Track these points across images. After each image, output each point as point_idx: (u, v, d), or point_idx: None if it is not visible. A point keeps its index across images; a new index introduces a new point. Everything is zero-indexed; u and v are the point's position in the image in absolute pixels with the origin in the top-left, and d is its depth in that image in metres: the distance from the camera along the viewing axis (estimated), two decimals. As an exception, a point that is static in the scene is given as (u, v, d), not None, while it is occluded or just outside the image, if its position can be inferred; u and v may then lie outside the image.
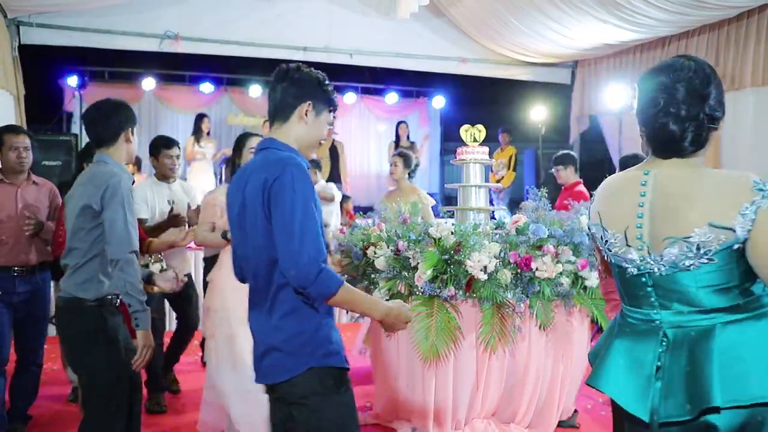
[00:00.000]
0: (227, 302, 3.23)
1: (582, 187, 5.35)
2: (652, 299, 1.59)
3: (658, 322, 1.59)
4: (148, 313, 2.48)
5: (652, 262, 1.57)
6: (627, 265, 1.62)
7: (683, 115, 1.54)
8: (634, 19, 5.68)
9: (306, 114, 1.93)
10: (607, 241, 1.66)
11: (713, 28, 5.65)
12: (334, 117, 2.06)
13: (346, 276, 3.70)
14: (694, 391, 1.47)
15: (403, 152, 5.05)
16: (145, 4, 6.56)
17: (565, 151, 5.73)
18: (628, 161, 4.89)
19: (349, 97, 10.67)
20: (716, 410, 1.45)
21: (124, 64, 9.15)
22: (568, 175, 5.50)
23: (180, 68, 9.60)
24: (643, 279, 1.60)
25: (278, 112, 1.95)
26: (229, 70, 9.84)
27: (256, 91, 10.07)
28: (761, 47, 5.18)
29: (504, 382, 3.51)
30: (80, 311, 2.49)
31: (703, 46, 5.76)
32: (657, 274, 1.57)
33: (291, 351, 1.85)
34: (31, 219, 3.46)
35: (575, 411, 3.78)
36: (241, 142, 3.41)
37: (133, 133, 2.66)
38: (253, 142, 3.33)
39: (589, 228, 1.77)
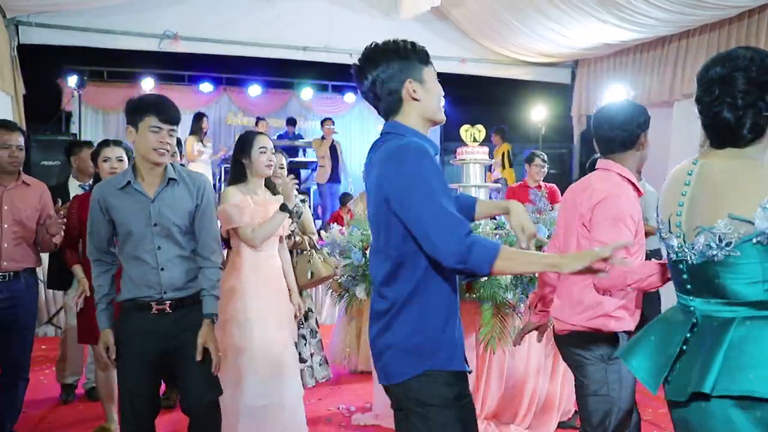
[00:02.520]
0: (249, 314, 2.98)
1: None
2: (688, 286, 1.62)
3: (692, 308, 1.62)
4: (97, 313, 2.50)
5: (686, 251, 1.60)
6: (669, 251, 1.68)
7: (739, 104, 1.54)
8: (634, 19, 5.67)
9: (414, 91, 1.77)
10: (659, 227, 1.73)
11: (713, 28, 5.63)
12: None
13: (344, 276, 3.68)
14: (694, 377, 1.50)
15: None
16: (144, 4, 6.55)
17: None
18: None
19: (349, 97, 10.67)
20: (707, 397, 1.48)
21: (123, 64, 9.14)
22: None
23: (179, 68, 9.60)
24: (680, 266, 1.63)
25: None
26: (228, 70, 9.84)
27: (255, 90, 10.06)
28: (761, 47, 5.17)
29: (504, 383, 3.50)
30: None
31: (703, 46, 5.75)
32: (690, 263, 1.59)
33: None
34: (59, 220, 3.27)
35: (575, 412, 3.77)
36: (248, 141, 3.13)
37: (137, 130, 2.42)
38: (262, 141, 3.14)
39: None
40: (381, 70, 1.76)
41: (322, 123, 9.33)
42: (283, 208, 3.07)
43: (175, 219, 2.44)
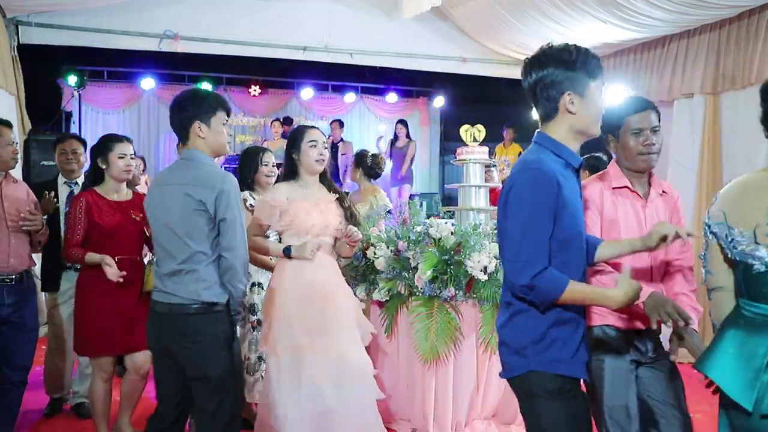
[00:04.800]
0: (290, 314, 2.87)
1: None
2: None
3: None
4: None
5: None
6: (754, 262, 1.69)
7: None
8: (634, 19, 5.67)
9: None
10: (732, 239, 1.74)
11: (714, 28, 5.62)
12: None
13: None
14: None
15: (357, 153, 4.95)
16: (144, 3, 6.54)
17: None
18: (589, 161, 5.04)
19: (349, 97, 10.68)
20: None
21: (123, 64, 9.14)
22: None
23: (179, 68, 9.59)
24: None
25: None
26: (228, 70, 9.83)
27: (255, 90, 10.06)
28: (762, 47, 5.16)
29: (504, 383, 3.49)
30: (213, 315, 2.45)
31: (703, 46, 5.74)
32: None
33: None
34: (35, 214, 3.17)
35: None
36: (299, 134, 3.03)
37: (209, 125, 2.50)
38: (313, 135, 3.01)
39: (708, 226, 1.83)
40: (544, 75, 1.86)
41: (331, 124, 9.42)
42: (286, 251, 2.92)
43: None
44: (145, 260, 3.30)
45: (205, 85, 9.72)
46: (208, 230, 2.40)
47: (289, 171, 3.03)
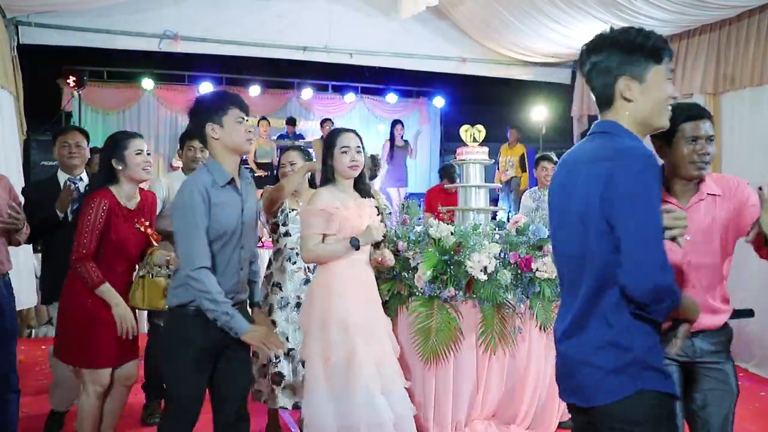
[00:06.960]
0: (351, 317, 2.78)
1: None
2: None
3: None
4: (231, 319, 2.33)
5: None
6: None
7: None
8: (634, 19, 5.66)
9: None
10: None
11: (713, 28, 5.63)
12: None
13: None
14: None
15: None
16: (144, 3, 6.54)
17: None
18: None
19: (349, 97, 10.68)
20: None
21: (123, 64, 9.15)
22: None
23: (179, 68, 9.60)
24: None
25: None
26: (228, 70, 9.84)
27: (255, 90, 10.06)
28: (762, 47, 5.17)
29: (504, 383, 3.50)
30: (174, 315, 2.45)
31: (703, 46, 5.74)
32: None
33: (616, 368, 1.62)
34: (18, 213, 2.92)
35: (575, 412, 3.77)
36: (331, 139, 2.99)
37: (221, 125, 2.37)
38: (344, 140, 2.96)
39: None
40: (600, 59, 1.68)
41: (321, 123, 9.35)
42: (354, 242, 2.84)
43: (254, 217, 2.53)
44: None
45: (205, 85, 9.76)
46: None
47: (327, 175, 2.99)
